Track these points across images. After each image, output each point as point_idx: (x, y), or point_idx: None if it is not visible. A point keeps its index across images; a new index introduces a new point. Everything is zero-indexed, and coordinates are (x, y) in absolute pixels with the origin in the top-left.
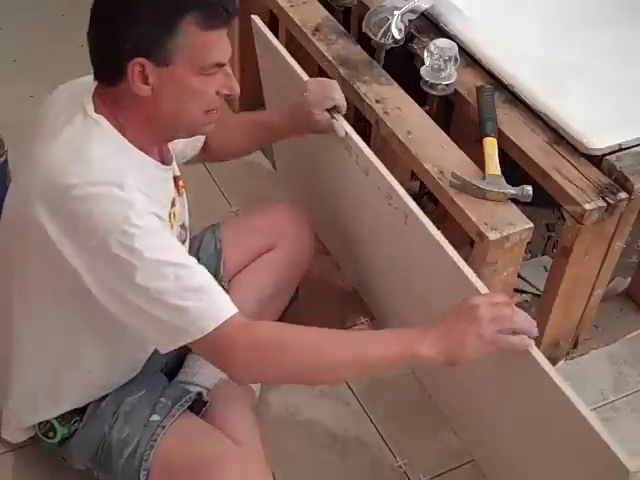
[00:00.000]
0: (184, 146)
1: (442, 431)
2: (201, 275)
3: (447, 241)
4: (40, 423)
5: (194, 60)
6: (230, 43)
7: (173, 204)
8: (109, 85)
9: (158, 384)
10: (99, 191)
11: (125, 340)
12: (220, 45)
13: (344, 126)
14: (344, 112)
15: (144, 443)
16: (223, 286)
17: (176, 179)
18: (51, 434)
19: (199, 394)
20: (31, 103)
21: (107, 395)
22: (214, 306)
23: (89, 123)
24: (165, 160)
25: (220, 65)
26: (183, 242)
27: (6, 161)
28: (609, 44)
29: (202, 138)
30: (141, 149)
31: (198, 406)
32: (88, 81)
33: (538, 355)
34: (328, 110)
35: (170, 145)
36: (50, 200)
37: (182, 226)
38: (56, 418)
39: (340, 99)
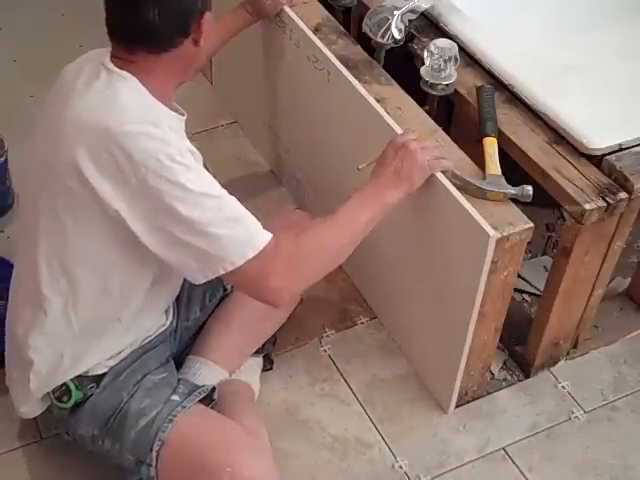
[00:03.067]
0: None
1: (442, 431)
2: (238, 206)
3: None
4: (55, 388)
5: (196, 36)
6: None
7: None
8: (153, 52)
9: (174, 373)
10: (137, 129)
11: (158, 282)
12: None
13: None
14: None
15: (163, 416)
16: (226, 287)
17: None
18: (65, 398)
19: (213, 389)
20: (31, 103)
21: (127, 369)
22: (253, 234)
23: (114, 77)
24: (177, 110)
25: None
26: None
27: (6, 161)
28: (609, 44)
29: None
30: (160, 101)
31: (206, 403)
32: (94, 54)
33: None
34: None
35: None
36: (88, 142)
37: None
38: (72, 381)
39: None
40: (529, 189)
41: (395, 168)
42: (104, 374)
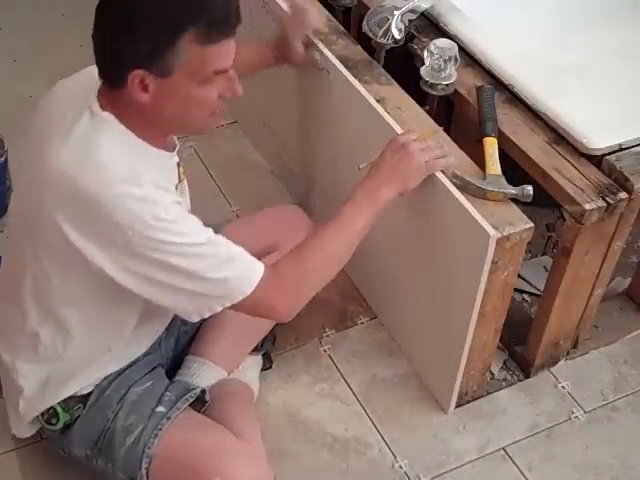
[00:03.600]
0: None
1: (442, 431)
2: (228, 245)
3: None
4: (43, 411)
5: (195, 73)
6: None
7: (176, 188)
8: (112, 87)
9: (163, 379)
10: (119, 191)
11: (147, 314)
12: (221, 55)
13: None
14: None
15: (148, 431)
16: None
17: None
18: (54, 420)
19: (203, 391)
20: (31, 103)
21: (111, 383)
22: (249, 271)
23: (97, 121)
24: (170, 147)
25: (221, 72)
26: None
27: (6, 161)
28: (609, 44)
29: None
30: (146, 140)
31: (198, 405)
32: (88, 78)
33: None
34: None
35: None
36: (69, 208)
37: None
38: (59, 404)
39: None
40: (529, 189)
41: (391, 167)
42: (90, 393)
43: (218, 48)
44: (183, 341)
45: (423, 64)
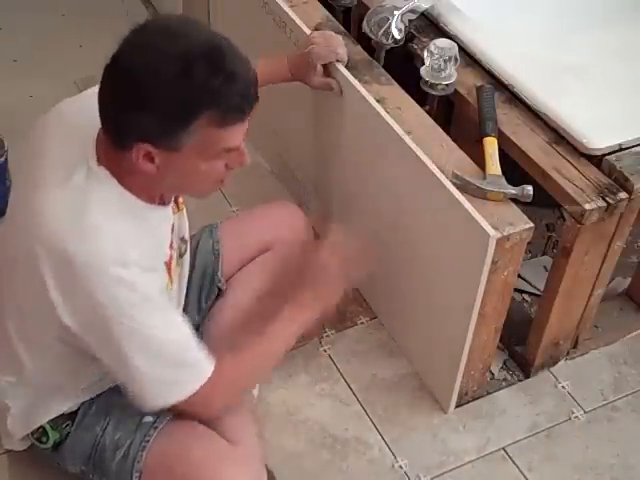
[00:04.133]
0: None
1: (442, 431)
2: (188, 348)
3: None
4: (33, 430)
5: (205, 151)
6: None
7: (172, 228)
8: (114, 146)
9: None
10: (102, 269)
11: None
12: (234, 135)
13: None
14: (345, 63)
15: (136, 445)
16: (220, 287)
17: (175, 197)
18: (44, 439)
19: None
20: (31, 103)
21: (98, 397)
22: (195, 375)
23: (92, 179)
24: (164, 200)
25: (233, 150)
26: (183, 254)
27: (6, 161)
28: (609, 44)
29: None
30: (142, 197)
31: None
32: (92, 109)
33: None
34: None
35: None
36: (54, 264)
37: (182, 239)
38: (48, 423)
39: (343, 53)
40: (529, 189)
41: (315, 290)
42: (78, 410)
43: (232, 129)
44: None
45: (423, 64)
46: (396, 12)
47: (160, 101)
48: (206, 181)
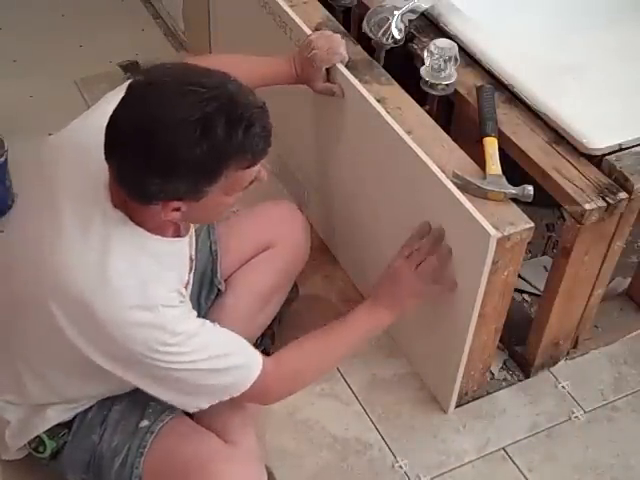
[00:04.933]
0: None
1: (442, 431)
2: (232, 355)
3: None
4: (30, 440)
5: (232, 190)
6: None
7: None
8: (133, 200)
9: None
10: (128, 318)
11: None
12: (256, 170)
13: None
14: (345, 62)
15: (134, 451)
16: (219, 288)
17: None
18: (41, 449)
19: None
20: (31, 103)
21: (93, 404)
22: (248, 371)
23: (109, 225)
24: (180, 231)
25: (254, 181)
26: (190, 271)
27: (6, 161)
28: (609, 44)
29: None
30: (158, 233)
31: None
32: (96, 135)
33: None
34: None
35: None
36: (72, 315)
37: (190, 258)
38: (44, 432)
39: (345, 54)
40: (530, 189)
41: (392, 295)
42: (74, 418)
43: (255, 167)
44: None
45: (423, 64)
46: (396, 12)
47: (186, 165)
48: (225, 211)
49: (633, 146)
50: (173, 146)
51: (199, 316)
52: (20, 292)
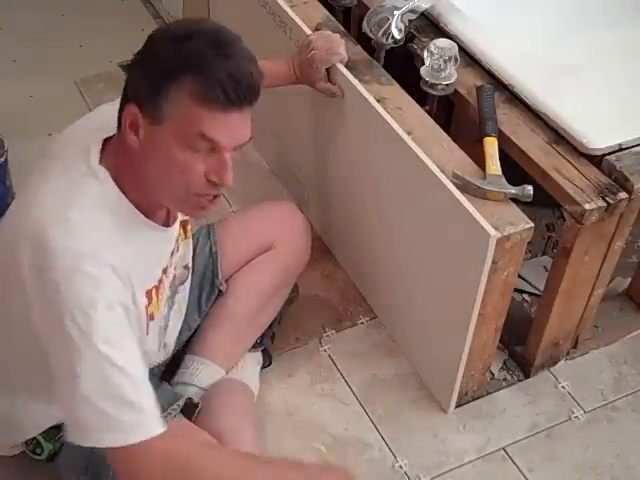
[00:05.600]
0: None
1: (442, 431)
2: (139, 391)
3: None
4: (26, 440)
5: (182, 130)
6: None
7: (173, 253)
8: (118, 131)
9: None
10: (72, 261)
11: None
12: (214, 124)
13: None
14: (344, 62)
15: None
16: (220, 289)
17: (183, 223)
18: (38, 450)
19: (189, 399)
20: (31, 103)
21: None
22: (140, 426)
23: (88, 177)
24: (169, 220)
25: (210, 141)
26: (184, 281)
27: (6, 161)
28: (609, 44)
29: None
30: (140, 207)
31: (190, 409)
32: (98, 120)
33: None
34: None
35: None
36: (31, 255)
37: (185, 267)
38: (41, 434)
39: (345, 54)
40: (529, 189)
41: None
42: None
43: (213, 115)
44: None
45: (423, 64)
46: (396, 12)
47: (154, 57)
48: (181, 177)
49: (633, 146)
50: (159, 39)
51: (200, 318)
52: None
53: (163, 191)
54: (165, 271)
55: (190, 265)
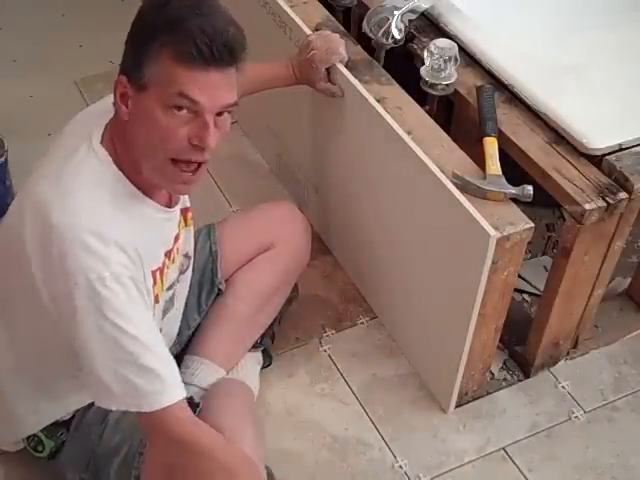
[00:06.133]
0: None
1: (442, 431)
2: (158, 357)
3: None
4: (28, 437)
5: (163, 91)
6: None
7: (177, 238)
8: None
9: None
10: (77, 237)
11: None
12: (193, 82)
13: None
14: (344, 62)
15: (133, 450)
16: (220, 289)
17: (184, 211)
18: (40, 448)
19: (189, 399)
20: (31, 103)
21: (92, 404)
22: (160, 393)
23: (90, 156)
24: (171, 202)
25: (189, 100)
26: (185, 270)
27: (6, 161)
28: (609, 44)
29: None
30: (141, 188)
31: (190, 409)
32: (104, 106)
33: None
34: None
35: None
36: (37, 235)
37: (185, 255)
38: (42, 432)
39: (345, 54)
40: (529, 189)
41: None
42: (72, 417)
43: (191, 73)
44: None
45: (423, 64)
46: (396, 12)
47: (136, 24)
48: (163, 141)
49: (633, 146)
50: (144, 11)
51: (200, 317)
52: (5, 231)
53: (148, 160)
54: (169, 255)
55: (191, 254)
